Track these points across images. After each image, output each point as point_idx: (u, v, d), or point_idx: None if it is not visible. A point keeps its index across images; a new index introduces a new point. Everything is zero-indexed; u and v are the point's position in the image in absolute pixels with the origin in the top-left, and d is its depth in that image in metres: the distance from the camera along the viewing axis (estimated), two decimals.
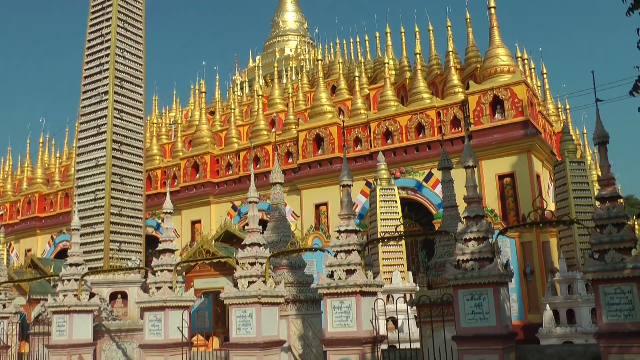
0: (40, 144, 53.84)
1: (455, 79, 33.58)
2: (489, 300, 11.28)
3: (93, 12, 24.80)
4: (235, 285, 14.40)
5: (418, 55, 36.63)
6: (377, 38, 45.42)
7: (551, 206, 27.87)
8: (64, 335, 17.30)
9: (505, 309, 11.50)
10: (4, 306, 20.67)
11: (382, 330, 18.43)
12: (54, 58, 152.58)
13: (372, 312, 12.76)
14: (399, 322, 21.12)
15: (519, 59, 36.83)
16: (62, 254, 42.04)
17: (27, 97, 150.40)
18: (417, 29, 38.34)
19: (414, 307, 14.09)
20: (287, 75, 50.39)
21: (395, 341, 16.15)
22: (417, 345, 13.69)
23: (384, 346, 14.40)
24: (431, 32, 38.84)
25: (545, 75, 42.11)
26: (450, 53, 35.86)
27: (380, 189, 25.68)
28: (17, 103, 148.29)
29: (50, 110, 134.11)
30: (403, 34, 40.58)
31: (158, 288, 16.19)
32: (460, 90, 32.91)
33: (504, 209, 29.89)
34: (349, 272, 12.80)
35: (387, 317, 22.01)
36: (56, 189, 48.52)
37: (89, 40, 24.56)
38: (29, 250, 47.46)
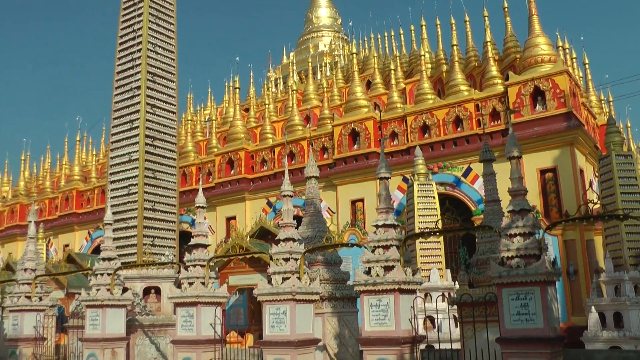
0: (78, 142, 54.28)
1: (493, 70, 32.71)
2: (536, 300, 10.58)
3: (125, 9, 24.64)
4: (270, 281, 13.99)
5: (455, 47, 35.73)
6: (412, 31, 44.66)
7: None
8: (97, 329, 17.14)
9: (553, 310, 10.77)
10: (40, 299, 20.61)
11: (421, 330, 17.94)
12: (90, 56, 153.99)
13: (411, 311, 12.21)
14: (437, 322, 20.56)
15: (560, 48, 35.84)
16: (99, 249, 42.12)
17: (64, 96, 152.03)
18: (453, 21, 37.60)
19: (454, 306, 13.49)
20: (321, 71, 49.99)
21: (434, 341, 15.63)
22: (456, 345, 13.08)
23: (423, 346, 13.88)
24: (468, 23, 37.92)
25: (587, 66, 40.99)
26: (488, 44, 34.88)
27: (418, 184, 25.07)
28: (55, 102, 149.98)
29: (87, 108, 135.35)
30: (439, 26, 39.81)
31: (190, 283, 15.89)
32: (500, 81, 32.02)
33: (545, 205, 29.01)
34: (387, 269, 12.28)
35: (425, 316, 21.44)
36: (93, 185, 48.81)
37: (121, 37, 24.42)
38: (67, 245, 47.86)
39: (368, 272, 12.52)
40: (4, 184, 61.23)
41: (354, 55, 41.95)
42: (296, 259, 14.02)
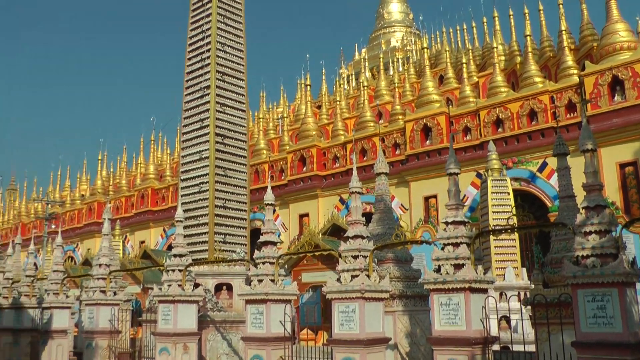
0: (152, 141, 55.32)
1: (569, 60, 31.62)
2: (614, 302, 9.92)
3: (194, 10, 24.87)
4: (339, 279, 13.86)
5: (528, 38, 34.49)
6: (485, 23, 43.90)
7: None
8: (169, 324, 17.31)
9: (633, 313, 10.07)
10: (115, 293, 21.06)
11: (494, 330, 17.51)
12: (163, 57, 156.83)
13: (482, 311, 11.87)
14: (513, 322, 20.08)
15: None
16: None
17: (139, 97, 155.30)
18: (526, 10, 36.59)
19: (529, 307, 13.04)
20: (393, 67, 49.66)
21: (508, 342, 15.23)
22: (531, 347, 12.63)
23: (496, 347, 13.50)
24: (541, 12, 36.70)
25: None
26: (563, 33, 33.62)
27: (492, 179, 24.56)
28: (130, 104, 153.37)
29: (161, 108, 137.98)
30: (511, 16, 38.88)
31: (260, 281, 15.88)
32: (575, 72, 30.88)
33: (626, 201, 27.77)
34: (457, 267, 11.96)
35: (500, 316, 20.93)
36: (167, 183, 49.64)
37: (191, 37, 24.68)
38: (143, 242, 48.83)
39: (438, 270, 12.24)
40: (83, 182, 62.99)
41: (426, 49, 41.51)
42: (365, 257, 13.83)
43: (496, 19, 40.83)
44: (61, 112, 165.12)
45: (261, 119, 51.34)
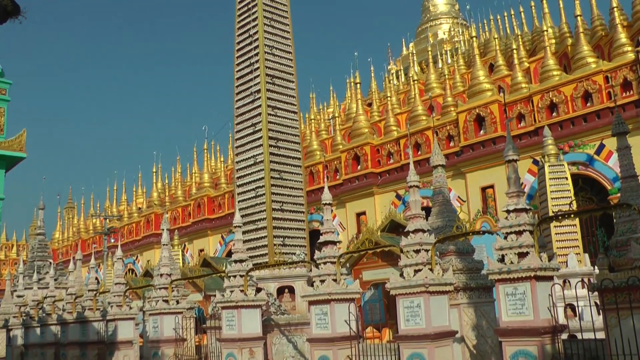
0: (205, 150, 55.76)
1: (622, 37, 30.72)
2: None
3: (239, 15, 24.98)
4: (401, 274, 13.69)
5: (579, 18, 33.63)
6: (533, 7, 43.17)
7: None
8: (234, 329, 17.36)
9: None
10: (177, 302, 21.20)
11: (560, 319, 17.11)
12: (211, 65, 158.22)
13: (549, 299, 11.60)
14: (578, 310, 19.61)
15: None
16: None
17: (190, 108, 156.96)
18: None
19: (594, 293, 12.65)
20: (442, 59, 49.22)
21: (575, 330, 14.85)
22: (600, 334, 12.25)
23: (564, 336, 13.16)
24: None
25: None
26: (615, 10, 32.64)
27: (549, 165, 24.06)
28: (182, 114, 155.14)
29: (212, 117, 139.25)
30: None
31: (322, 281, 15.80)
32: (630, 49, 30.02)
33: None
34: (521, 255, 11.69)
35: (565, 304, 20.46)
36: (223, 191, 49.97)
37: (238, 43, 24.78)
38: (202, 250, 49.23)
39: (502, 260, 12.00)
40: (139, 195, 63.92)
41: (474, 38, 41.00)
42: (427, 250, 13.65)
43: (544, 1, 40.06)
44: (113, 127, 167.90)
45: (312, 120, 51.36)
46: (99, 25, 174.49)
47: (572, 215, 11.41)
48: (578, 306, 19.52)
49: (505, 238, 12.12)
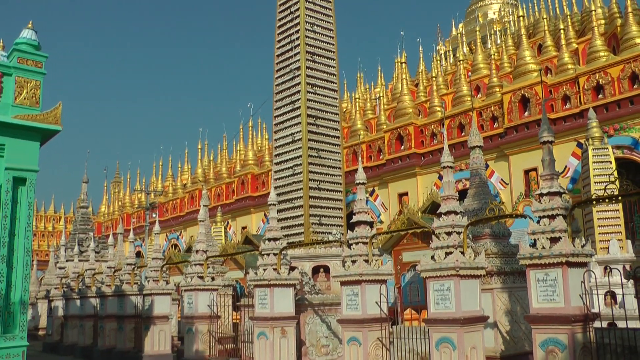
0: (251, 127, 55.86)
1: None
2: None
3: None
4: (433, 257, 13.46)
5: None
6: None
7: None
8: (266, 308, 17.30)
9: None
10: (213, 279, 21.26)
11: (601, 306, 16.73)
12: (255, 42, 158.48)
13: (582, 286, 11.27)
14: (619, 297, 19.16)
15: None
16: None
17: (238, 84, 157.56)
18: None
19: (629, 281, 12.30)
20: (491, 40, 48.37)
21: (618, 318, 14.47)
22: (637, 323, 11.89)
23: (603, 324, 12.79)
24: None
25: None
26: None
27: (593, 149, 23.51)
28: (229, 91, 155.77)
29: (258, 93, 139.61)
30: None
31: (353, 261, 15.67)
32: None
33: None
34: (553, 240, 11.38)
35: (605, 291, 20.00)
36: (266, 169, 50.01)
37: (279, 20, 24.60)
38: (245, 227, 49.45)
39: (534, 245, 11.71)
40: (184, 172, 64.44)
41: (522, 18, 40.12)
42: (459, 233, 13.37)
43: None
44: (160, 103, 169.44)
45: (358, 100, 51.03)
46: (145, 2, 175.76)
47: (608, 200, 11.00)
48: (619, 294, 19.08)
49: (538, 222, 11.83)
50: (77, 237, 42.93)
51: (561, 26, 37.87)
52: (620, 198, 11.31)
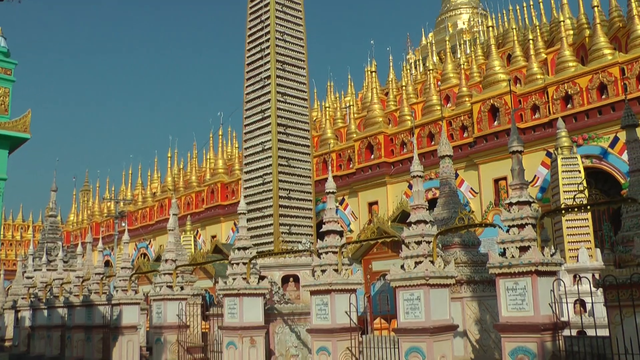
0: (220, 136, 55.72)
1: (639, 28, 30.10)
2: None
3: (251, 0, 24.74)
4: (402, 266, 13.45)
5: (596, 9, 32.90)
6: None
7: None
8: (235, 317, 17.19)
9: None
10: (182, 288, 21.07)
11: (570, 315, 16.84)
12: (225, 50, 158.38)
13: (551, 295, 11.32)
14: (588, 306, 19.30)
15: None
16: None
17: (207, 93, 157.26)
18: None
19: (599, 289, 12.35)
20: (460, 49, 48.70)
21: (587, 326, 14.55)
22: (605, 331, 11.95)
23: (573, 332, 12.85)
24: None
25: None
26: (633, 1, 32.05)
27: (562, 158, 23.74)
28: (199, 99, 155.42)
29: (228, 102, 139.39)
30: None
31: (323, 271, 15.62)
32: None
33: None
34: (523, 249, 11.41)
35: (575, 299, 20.15)
36: (236, 177, 49.81)
37: (250, 28, 24.59)
38: (214, 236, 49.17)
39: (503, 254, 11.74)
40: (154, 180, 64.02)
41: (491, 28, 40.47)
42: (428, 242, 13.39)
43: None
44: (130, 111, 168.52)
45: (328, 108, 51.05)
46: (112, 6, 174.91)
47: (576, 209, 11.07)
48: (587, 302, 19.23)
49: (508, 231, 11.87)
50: (45, 246, 42.34)
51: (530, 36, 38.28)
52: (589, 207, 11.37)
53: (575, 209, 10.83)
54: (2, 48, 13.94)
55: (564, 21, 35.43)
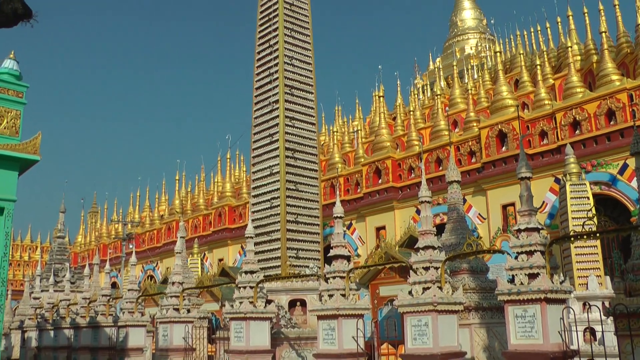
0: (228, 159, 55.76)
1: None
2: None
3: (260, 25, 24.93)
4: (410, 292, 13.41)
5: (604, 35, 32.74)
6: (559, 23, 42.59)
7: None
8: (242, 341, 17.19)
9: None
10: (188, 311, 21.05)
11: (580, 343, 16.65)
12: (240, 76, 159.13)
13: (561, 323, 11.25)
14: (598, 334, 19.11)
15: None
16: None
17: (216, 116, 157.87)
18: (601, 7, 34.90)
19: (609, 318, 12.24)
20: (468, 74, 48.80)
21: (597, 355, 14.39)
22: None
23: None
24: (617, 6, 34.94)
25: None
26: None
27: (570, 184, 23.68)
28: (207, 123, 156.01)
29: (238, 126, 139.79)
30: (586, 14, 37.17)
31: (330, 296, 15.58)
32: None
33: None
34: (532, 276, 11.37)
35: (584, 328, 19.96)
36: (244, 201, 49.77)
37: (258, 52, 24.72)
38: (221, 259, 49.07)
39: (512, 281, 11.70)
40: (162, 203, 64.09)
41: (499, 53, 40.56)
42: (437, 268, 13.36)
43: (570, 18, 39.45)
44: (139, 134, 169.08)
45: (336, 133, 51.12)
46: (121, 30, 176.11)
47: (586, 236, 11.03)
48: (597, 331, 19.01)
49: (516, 258, 11.82)
50: (52, 267, 42.37)
51: (538, 62, 38.31)
52: (598, 235, 11.32)
53: (585, 236, 10.78)
54: (14, 71, 14.02)
55: (571, 47, 35.45)
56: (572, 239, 11.19)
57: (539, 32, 46.57)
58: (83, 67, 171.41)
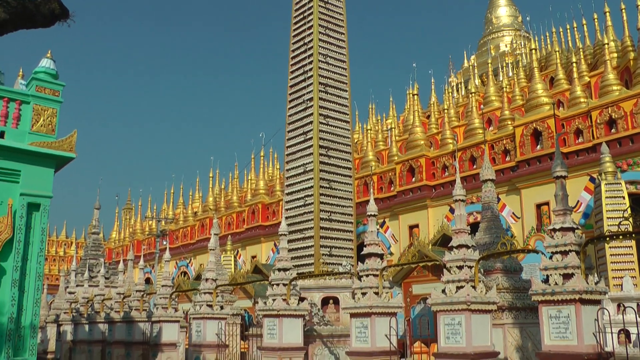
0: (262, 157, 55.95)
1: None
2: None
3: (295, 23, 25.00)
4: (443, 290, 13.40)
5: None
6: (596, 20, 42.07)
7: None
8: (275, 338, 17.27)
9: None
10: (221, 307, 21.18)
11: (615, 345, 16.49)
12: (269, 72, 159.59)
13: (595, 324, 11.15)
14: (633, 336, 18.89)
15: None
16: None
17: (250, 114, 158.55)
18: (639, 2, 34.60)
19: None
20: (502, 72, 48.44)
21: (630, 357, 14.27)
22: None
23: None
24: None
25: None
26: None
27: (606, 184, 23.42)
28: (241, 120, 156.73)
29: (272, 123, 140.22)
30: (624, 10, 36.58)
31: (363, 294, 15.61)
32: None
33: None
34: (566, 277, 11.29)
35: (619, 329, 19.73)
36: (277, 198, 49.94)
37: (293, 50, 24.79)
38: (254, 256, 49.31)
39: (546, 281, 11.62)
40: (195, 200, 64.52)
41: (534, 51, 40.17)
42: (470, 267, 13.32)
43: (607, 14, 38.95)
44: (173, 131, 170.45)
45: (370, 131, 51.07)
46: (157, 32, 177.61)
47: (621, 236, 10.95)
48: (633, 333, 18.79)
49: (551, 258, 11.75)
50: (87, 262, 42.96)
51: (573, 59, 37.90)
52: (634, 235, 11.22)
53: (620, 236, 10.69)
54: (51, 70, 14.26)
55: (608, 44, 34.99)
56: (607, 239, 11.09)
57: (575, 29, 46.08)
58: (120, 67, 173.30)
